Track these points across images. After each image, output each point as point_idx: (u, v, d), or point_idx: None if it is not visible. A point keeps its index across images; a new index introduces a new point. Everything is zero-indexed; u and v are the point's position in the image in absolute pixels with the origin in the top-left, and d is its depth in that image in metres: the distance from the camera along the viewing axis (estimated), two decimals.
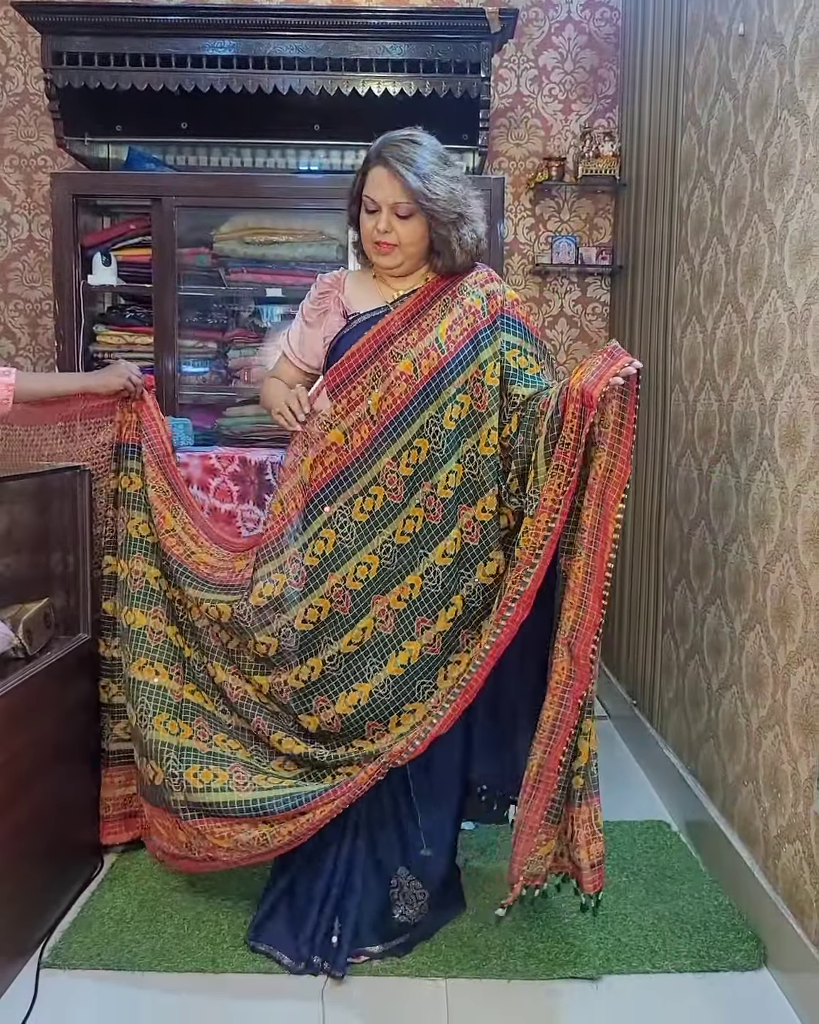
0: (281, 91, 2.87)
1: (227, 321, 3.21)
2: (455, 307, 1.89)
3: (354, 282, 1.99)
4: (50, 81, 2.88)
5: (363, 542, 1.87)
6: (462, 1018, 1.72)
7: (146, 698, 1.97)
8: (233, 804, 1.82)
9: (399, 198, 1.80)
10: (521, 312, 1.94)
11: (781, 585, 1.89)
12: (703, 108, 2.45)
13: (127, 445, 2.14)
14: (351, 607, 1.87)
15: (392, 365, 1.86)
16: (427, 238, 1.86)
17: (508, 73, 3.39)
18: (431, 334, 1.87)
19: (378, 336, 1.88)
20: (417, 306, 1.90)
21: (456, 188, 1.82)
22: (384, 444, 1.86)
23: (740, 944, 1.91)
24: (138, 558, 2.08)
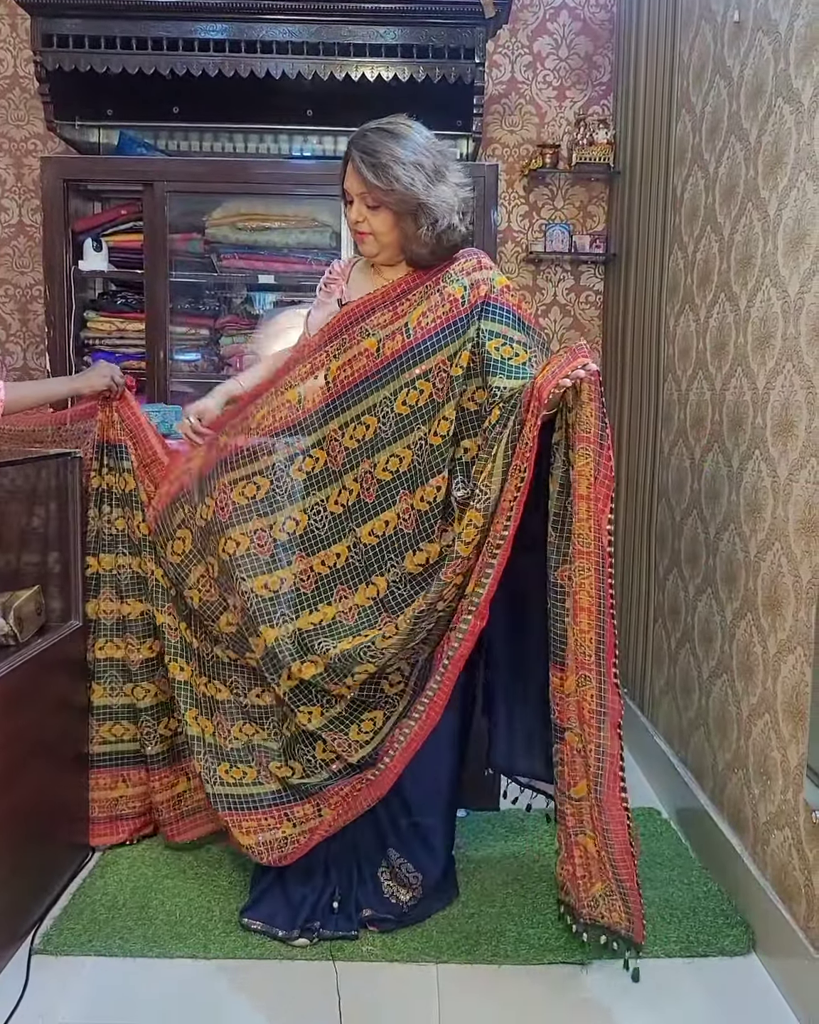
0: (274, 75, 2.85)
1: (219, 308, 3.19)
2: (434, 295, 1.88)
3: (356, 272, 2.03)
4: (40, 64, 2.85)
5: (296, 499, 1.91)
6: (453, 1002, 1.73)
7: (175, 694, 2.06)
8: (261, 796, 1.97)
9: (362, 189, 1.81)
10: (510, 299, 1.90)
11: (772, 574, 1.90)
12: (698, 95, 2.44)
13: (112, 445, 2.16)
14: (272, 555, 1.90)
15: (358, 340, 1.89)
16: (396, 228, 1.84)
17: (502, 59, 3.37)
18: (403, 319, 1.87)
19: (354, 312, 1.92)
20: (397, 290, 1.92)
21: (417, 178, 1.78)
22: (333, 412, 1.89)
23: (729, 930, 1.92)
24: (148, 557, 2.12)
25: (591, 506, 1.64)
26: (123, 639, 2.17)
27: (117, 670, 2.18)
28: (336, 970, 1.80)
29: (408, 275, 1.93)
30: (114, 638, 2.18)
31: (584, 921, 1.81)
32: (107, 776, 2.19)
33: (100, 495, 2.17)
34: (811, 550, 1.72)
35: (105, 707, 2.18)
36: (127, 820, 2.21)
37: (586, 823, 1.76)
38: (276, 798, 1.98)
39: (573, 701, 1.70)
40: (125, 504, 2.15)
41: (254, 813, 1.98)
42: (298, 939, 1.87)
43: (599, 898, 1.79)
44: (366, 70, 2.88)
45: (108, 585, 2.17)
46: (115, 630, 2.18)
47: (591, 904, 1.80)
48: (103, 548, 2.17)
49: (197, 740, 2.03)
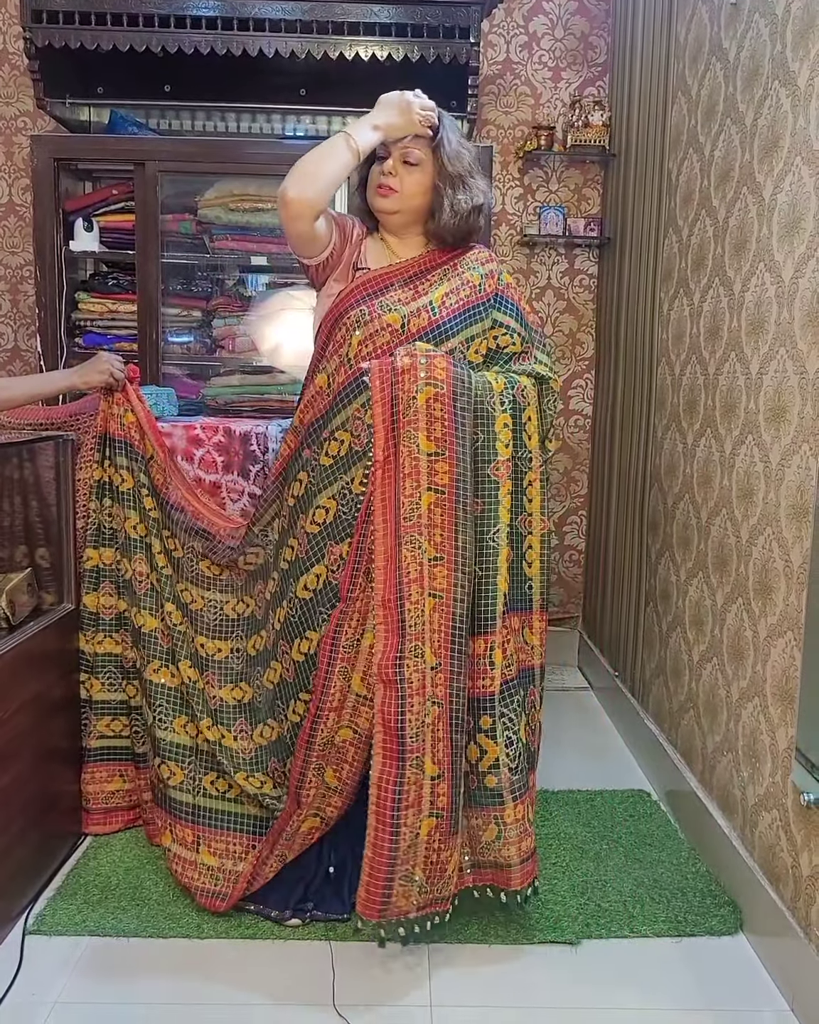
0: (266, 54, 2.82)
1: (212, 289, 3.17)
2: (454, 278, 1.91)
3: (371, 241, 1.98)
4: (29, 40, 2.80)
5: (325, 485, 1.85)
6: (443, 982, 1.75)
7: (164, 701, 2.06)
8: (237, 816, 1.99)
9: (412, 143, 1.85)
10: (515, 295, 1.97)
11: (763, 558, 1.90)
12: (694, 77, 2.43)
13: (112, 438, 2.13)
14: (308, 550, 1.87)
15: (379, 315, 1.85)
16: (428, 194, 1.87)
17: (497, 39, 3.33)
18: (425, 297, 1.88)
19: (370, 284, 1.89)
20: (415, 268, 1.92)
21: (465, 152, 1.89)
22: (356, 390, 1.82)
23: (717, 910, 1.95)
24: (140, 559, 2.12)
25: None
26: (120, 635, 2.16)
27: (115, 666, 2.16)
28: (331, 950, 1.82)
29: (424, 255, 1.94)
30: (113, 633, 2.16)
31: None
32: (104, 771, 2.19)
33: (101, 488, 2.14)
34: (802, 535, 1.73)
35: (103, 702, 2.17)
36: (121, 812, 2.21)
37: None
38: (254, 826, 1.99)
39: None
40: (120, 502, 2.13)
41: (225, 834, 1.99)
42: (290, 919, 1.89)
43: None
44: (360, 49, 2.85)
45: (109, 579, 2.15)
46: (114, 625, 2.16)
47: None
48: (104, 542, 2.15)
49: (182, 748, 2.05)
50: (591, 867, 2.11)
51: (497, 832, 1.79)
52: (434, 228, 1.91)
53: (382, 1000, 1.70)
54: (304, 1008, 1.67)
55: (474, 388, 1.78)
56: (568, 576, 3.65)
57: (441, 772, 1.73)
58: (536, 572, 1.88)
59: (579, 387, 3.53)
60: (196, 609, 2.10)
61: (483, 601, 1.78)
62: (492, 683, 1.78)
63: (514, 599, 1.85)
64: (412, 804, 1.70)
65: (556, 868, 2.11)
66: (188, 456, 2.28)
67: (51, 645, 2.06)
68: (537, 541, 1.88)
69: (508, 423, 1.81)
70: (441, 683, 1.72)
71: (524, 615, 1.88)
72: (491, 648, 1.78)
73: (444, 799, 1.73)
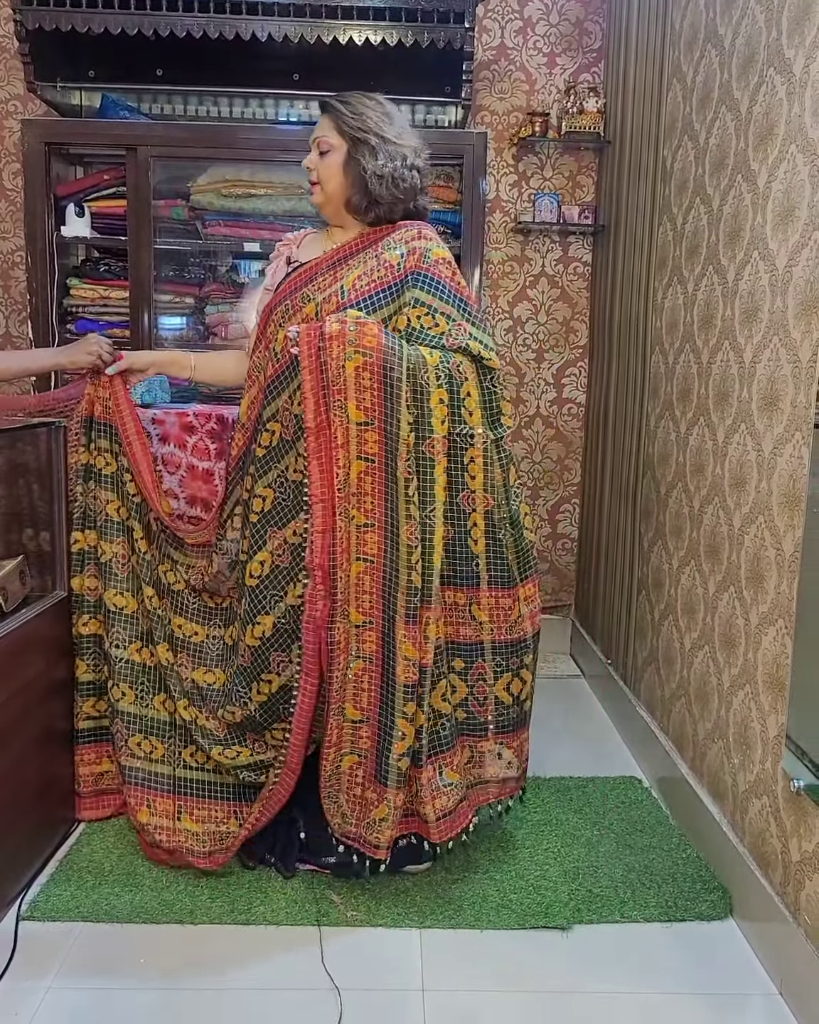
0: (259, 38, 2.80)
1: (204, 276, 3.15)
2: (371, 260, 1.93)
3: (310, 239, 2.11)
4: (20, 23, 2.77)
5: (261, 475, 1.92)
6: (436, 967, 1.76)
7: (146, 679, 2.10)
8: (216, 785, 2.07)
9: (321, 132, 1.94)
10: (444, 271, 1.91)
11: (755, 547, 1.91)
12: (689, 64, 2.41)
13: (98, 421, 2.14)
14: (251, 540, 1.93)
15: (300, 307, 1.92)
16: (341, 175, 1.92)
17: (492, 24, 3.31)
18: (340, 282, 1.90)
19: (297, 278, 1.95)
20: (339, 255, 1.96)
21: (383, 120, 1.93)
22: (283, 383, 1.88)
23: (707, 895, 1.96)
24: (121, 542, 2.14)
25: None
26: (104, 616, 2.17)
27: (98, 647, 2.18)
28: (321, 936, 1.83)
29: (352, 241, 1.98)
30: (97, 615, 2.18)
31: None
32: (92, 752, 2.20)
33: (88, 471, 2.15)
34: (794, 524, 1.73)
35: (89, 683, 2.18)
36: (112, 795, 2.21)
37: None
38: (234, 794, 2.07)
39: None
40: (102, 485, 2.14)
41: (206, 802, 2.08)
42: (256, 868, 2.03)
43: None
44: (353, 33, 2.83)
45: (93, 562, 2.17)
46: (97, 607, 2.17)
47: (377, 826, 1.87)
48: (89, 525, 2.16)
49: (163, 723, 2.11)
50: (583, 853, 2.13)
51: (417, 789, 1.87)
52: (356, 204, 1.94)
53: (375, 984, 1.71)
54: (297, 992, 1.68)
55: (407, 360, 1.77)
56: (561, 564, 3.65)
57: (365, 718, 1.84)
58: (482, 549, 1.89)
59: (573, 375, 3.53)
60: (178, 590, 2.12)
61: (424, 576, 1.81)
62: (425, 656, 1.82)
63: (457, 575, 1.88)
64: (334, 744, 1.85)
65: (548, 854, 2.12)
66: (181, 443, 2.27)
67: (44, 632, 2.05)
68: (481, 518, 1.88)
69: (444, 399, 1.81)
70: (369, 640, 1.81)
71: (471, 591, 1.90)
72: (426, 623, 1.81)
73: (367, 741, 1.84)
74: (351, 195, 1.93)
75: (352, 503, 1.77)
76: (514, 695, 1.96)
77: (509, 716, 1.96)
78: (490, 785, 1.99)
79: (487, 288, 3.43)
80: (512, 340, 3.50)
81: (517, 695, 1.96)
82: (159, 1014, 1.62)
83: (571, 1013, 1.65)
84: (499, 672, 1.94)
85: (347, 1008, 1.64)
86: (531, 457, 3.58)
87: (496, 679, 1.94)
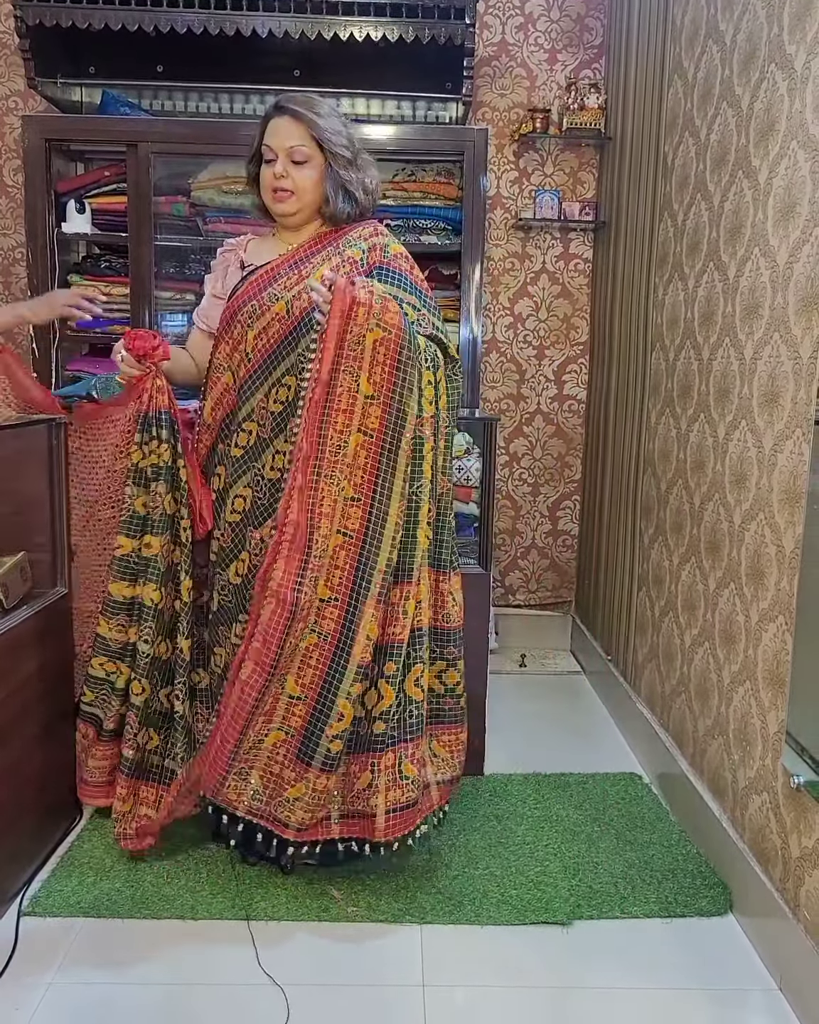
0: (260, 34, 2.80)
1: (205, 272, 3.14)
2: (335, 257, 1.97)
3: (255, 244, 2.11)
4: (20, 19, 2.77)
5: (238, 476, 1.97)
6: (436, 962, 1.77)
7: (157, 672, 2.03)
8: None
9: (295, 141, 1.91)
10: (403, 265, 1.98)
11: (756, 543, 1.91)
12: (690, 60, 2.41)
13: (158, 412, 1.96)
14: (231, 539, 1.98)
15: (268, 306, 1.93)
16: (321, 185, 1.95)
17: (493, 20, 3.31)
18: (308, 279, 1.92)
19: (261, 279, 1.98)
20: (301, 254, 2.00)
21: (352, 134, 1.97)
22: (257, 382, 1.94)
23: (706, 891, 1.97)
24: (166, 535, 2.00)
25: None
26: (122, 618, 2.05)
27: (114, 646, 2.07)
28: (323, 931, 1.84)
29: (310, 240, 2.01)
30: (133, 619, 2.03)
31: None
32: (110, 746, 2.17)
33: (139, 470, 1.99)
34: (795, 520, 1.73)
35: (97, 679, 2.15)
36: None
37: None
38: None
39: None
40: (163, 477, 1.98)
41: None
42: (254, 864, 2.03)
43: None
44: (354, 29, 2.83)
45: (134, 568, 2.01)
46: (132, 610, 2.03)
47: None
48: (138, 530, 2.00)
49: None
50: (583, 849, 2.13)
51: (370, 780, 1.86)
52: (330, 212, 1.98)
53: (375, 979, 1.71)
54: (297, 988, 1.68)
55: (414, 343, 1.81)
56: (561, 561, 3.65)
57: (303, 695, 1.82)
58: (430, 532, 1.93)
59: (573, 372, 3.53)
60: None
61: (406, 552, 1.84)
62: (402, 631, 1.84)
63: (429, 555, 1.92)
64: (265, 713, 1.82)
65: (548, 850, 2.12)
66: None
67: (45, 628, 2.05)
68: (434, 502, 1.93)
69: (431, 380, 1.86)
70: (331, 616, 1.80)
71: (434, 572, 1.94)
72: (406, 598, 1.84)
73: (298, 720, 1.82)
74: (330, 204, 1.97)
75: (345, 474, 1.78)
76: (447, 686, 1.99)
77: (442, 707, 1.99)
78: (431, 788, 1.98)
79: (488, 285, 3.43)
80: (513, 337, 3.50)
81: (451, 687, 1.99)
82: (161, 1009, 1.63)
83: (571, 1009, 1.66)
84: (433, 658, 1.97)
85: (347, 1004, 1.65)
86: (532, 454, 3.58)
87: (431, 664, 1.97)
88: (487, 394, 3.51)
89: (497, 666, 3.31)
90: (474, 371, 3.00)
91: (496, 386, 3.52)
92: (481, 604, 2.44)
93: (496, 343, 3.50)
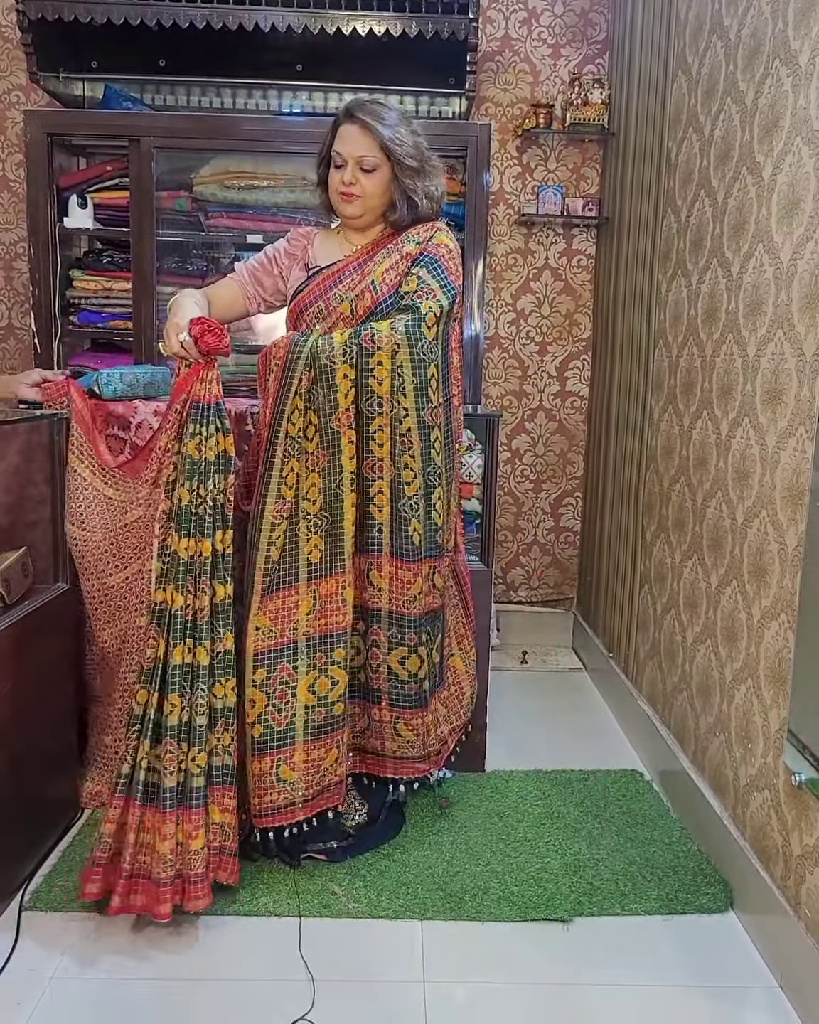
0: (263, 28, 2.78)
1: (207, 267, 3.14)
2: (394, 254, 2.02)
3: (321, 239, 2.14)
4: (22, 12, 2.76)
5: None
6: (437, 958, 1.77)
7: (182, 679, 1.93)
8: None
9: (365, 151, 1.94)
10: (441, 252, 2.02)
11: (758, 541, 1.91)
12: (694, 56, 2.40)
13: (208, 405, 1.86)
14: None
15: (334, 307, 2.01)
16: (388, 191, 2.00)
17: (496, 15, 3.30)
18: (369, 277, 2.00)
19: (326, 280, 2.04)
20: (365, 254, 2.06)
21: (420, 142, 2.00)
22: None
23: (707, 888, 1.97)
24: (230, 529, 1.91)
25: None
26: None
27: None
28: (323, 928, 1.84)
29: (375, 240, 2.07)
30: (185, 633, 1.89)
31: None
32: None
33: (194, 463, 1.85)
34: (797, 518, 1.73)
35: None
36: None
37: None
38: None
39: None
40: (223, 469, 1.88)
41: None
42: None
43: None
44: (357, 24, 2.82)
45: (181, 571, 1.85)
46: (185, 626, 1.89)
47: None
48: (194, 530, 1.85)
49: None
50: (584, 846, 2.13)
51: (336, 755, 1.95)
52: (394, 219, 2.03)
53: (376, 976, 1.72)
54: (297, 984, 1.68)
55: (306, 350, 1.88)
56: (563, 557, 3.65)
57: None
58: (386, 517, 1.94)
59: (576, 368, 3.53)
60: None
61: (335, 544, 1.91)
62: (344, 619, 1.92)
63: (362, 541, 1.94)
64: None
65: (549, 847, 2.13)
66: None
67: (46, 624, 2.06)
68: (387, 486, 1.93)
69: (349, 374, 1.88)
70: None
71: (373, 557, 1.95)
72: (343, 587, 1.91)
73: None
74: (397, 210, 2.01)
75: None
76: (410, 672, 1.99)
77: (405, 692, 2.00)
78: (387, 760, 2.04)
79: (490, 281, 3.42)
80: (515, 333, 3.49)
81: (414, 672, 1.99)
82: (161, 1004, 1.63)
83: (572, 1005, 1.66)
84: (393, 644, 1.98)
85: (348, 999, 1.65)
86: (534, 450, 3.57)
87: (390, 650, 1.98)
88: (489, 390, 3.50)
89: (498, 663, 3.31)
90: (476, 367, 2.99)
91: (498, 382, 3.52)
92: (483, 601, 2.44)
93: (498, 339, 3.49)
